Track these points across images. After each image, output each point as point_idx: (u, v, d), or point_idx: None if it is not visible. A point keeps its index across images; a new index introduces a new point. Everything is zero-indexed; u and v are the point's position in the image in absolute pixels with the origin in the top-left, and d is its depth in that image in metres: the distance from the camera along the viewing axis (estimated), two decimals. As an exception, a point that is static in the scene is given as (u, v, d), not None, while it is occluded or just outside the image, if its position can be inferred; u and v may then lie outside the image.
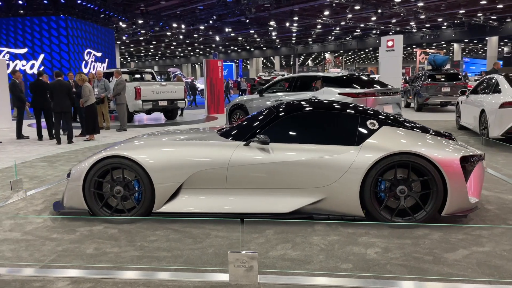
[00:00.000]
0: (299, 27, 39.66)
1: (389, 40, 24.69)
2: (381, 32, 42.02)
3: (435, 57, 16.80)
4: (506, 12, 35.66)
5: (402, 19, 35.34)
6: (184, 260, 3.30)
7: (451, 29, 41.02)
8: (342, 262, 3.20)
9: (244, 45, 51.35)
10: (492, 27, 39.51)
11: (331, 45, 49.47)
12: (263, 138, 3.98)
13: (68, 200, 4.25)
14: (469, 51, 64.75)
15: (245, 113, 9.92)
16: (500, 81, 8.24)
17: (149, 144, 4.30)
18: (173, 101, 13.82)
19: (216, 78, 16.88)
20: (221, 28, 39.95)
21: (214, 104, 17.03)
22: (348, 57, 66.74)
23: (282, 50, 53.95)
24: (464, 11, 35.00)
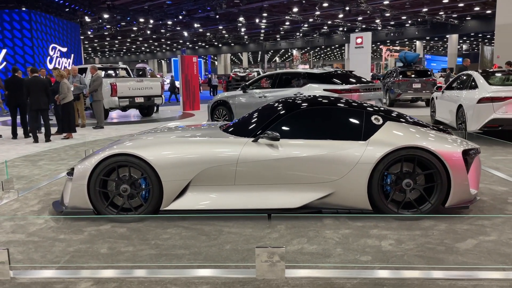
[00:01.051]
0: (268, 23, 39.81)
1: (358, 37, 25.21)
2: (348, 29, 42.79)
3: (406, 54, 17.29)
4: (466, 10, 37.07)
5: (369, 16, 36.09)
6: (204, 257, 3.29)
7: (415, 27, 42.26)
8: (361, 255, 3.28)
9: (212, 41, 51.06)
10: (453, 25, 40.97)
11: (299, 41, 49.94)
12: (273, 134, 4.01)
13: (72, 199, 4.14)
14: (430, 48, 66.85)
15: (228, 109, 9.90)
16: (476, 77, 8.59)
17: (156, 141, 4.25)
18: (150, 98, 13.60)
19: (191, 74, 16.73)
20: (189, 23, 39.59)
21: (190, 100, 16.87)
22: (315, 54, 67.53)
23: (250, 46, 54.00)
24: (427, 10, 36.12)
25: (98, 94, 11.46)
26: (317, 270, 3.05)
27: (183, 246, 3.50)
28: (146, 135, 4.72)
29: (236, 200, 4.09)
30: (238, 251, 3.39)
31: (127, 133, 10.52)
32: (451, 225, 3.85)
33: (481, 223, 3.91)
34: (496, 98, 7.74)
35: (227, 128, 4.76)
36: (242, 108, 9.62)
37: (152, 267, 3.13)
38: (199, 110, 17.06)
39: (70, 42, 25.45)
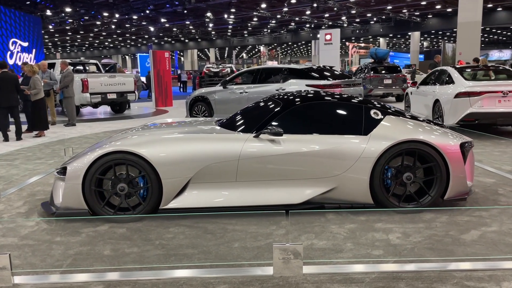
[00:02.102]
0: (236, 19, 39.58)
1: (327, 34, 25.51)
2: (315, 26, 43.20)
3: (377, 50, 17.60)
4: (428, 8, 38.10)
5: (337, 13, 36.54)
6: (214, 256, 3.21)
7: (379, 24, 43.07)
8: (372, 249, 3.28)
9: (178, 36, 50.35)
10: (416, 22, 42.03)
11: (266, 38, 49.98)
12: (276, 129, 3.95)
13: (64, 200, 3.95)
14: (393, 45, 68.43)
15: (208, 105, 9.76)
16: (452, 73, 8.82)
17: (154, 138, 4.11)
18: (123, 94, 13.23)
19: (163, 69, 16.40)
20: (156, 18, 38.84)
21: (162, 96, 16.55)
22: (282, 50, 67.84)
23: (217, 42, 53.61)
24: (391, 7, 36.89)
25: (70, 90, 11.04)
26: (333, 266, 3.03)
27: (190, 246, 3.40)
28: (141, 132, 4.56)
29: (237, 197, 4.02)
30: (248, 249, 3.32)
31: (102, 131, 10.21)
32: (451, 217, 3.92)
33: (479, 214, 4.00)
34: (473, 93, 7.97)
35: (223, 123, 4.67)
36: (223, 104, 9.51)
37: (163, 268, 3.02)
38: (172, 106, 16.78)
39: (31, 36, 24.41)
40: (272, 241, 3.45)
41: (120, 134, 4.67)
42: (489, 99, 7.92)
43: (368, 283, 2.76)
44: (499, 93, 7.87)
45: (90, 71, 14.46)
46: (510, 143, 7.64)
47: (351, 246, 3.34)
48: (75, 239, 3.58)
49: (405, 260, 3.08)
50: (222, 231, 3.69)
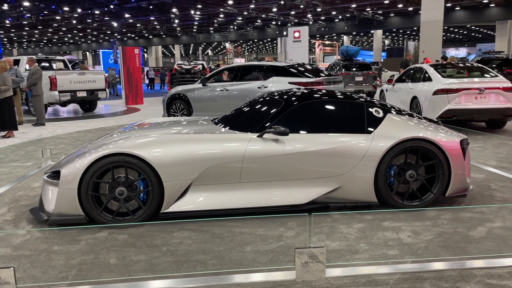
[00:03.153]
0: (202, 15, 39.14)
1: (295, 31, 25.65)
2: (282, 23, 43.36)
3: (348, 48, 17.79)
4: (391, 7, 38.99)
5: (303, 11, 36.77)
6: (228, 262, 3.09)
7: (344, 22, 43.73)
8: (387, 249, 3.26)
9: (142, 32, 49.28)
10: (379, 21, 42.91)
11: (233, 34, 49.71)
12: (281, 128, 3.85)
13: (58, 205, 3.70)
14: (356, 43, 69.68)
15: (186, 103, 9.53)
16: (429, 70, 9.01)
17: (153, 139, 3.92)
18: (93, 92, 12.75)
19: (133, 66, 15.95)
20: (119, 13, 37.85)
21: (133, 94, 16.11)
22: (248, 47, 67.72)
23: (182, 39, 52.86)
24: (355, 6, 37.51)
25: (38, 88, 10.53)
26: (352, 268, 2.97)
27: (201, 251, 3.26)
28: (136, 132, 4.35)
29: (241, 199, 3.91)
30: (261, 253, 3.22)
31: (75, 131, 9.81)
32: (454, 214, 3.96)
33: (479, 210, 4.06)
34: (451, 90, 8.16)
35: (221, 122, 4.54)
36: (203, 102, 9.32)
37: (178, 276, 2.88)
38: (143, 104, 16.37)
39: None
40: (284, 244, 3.37)
41: (110, 136, 4.43)
42: (466, 96, 8.13)
43: (393, 285, 2.72)
44: (475, 90, 8.09)
45: (57, 68, 13.85)
46: (487, 138, 7.88)
47: (365, 247, 3.30)
48: (74, 247, 3.36)
49: (423, 260, 3.07)
50: (230, 234, 3.57)
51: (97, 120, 11.77)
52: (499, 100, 8.12)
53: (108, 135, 4.57)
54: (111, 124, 10.81)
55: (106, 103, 16.30)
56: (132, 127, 4.78)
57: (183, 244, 3.39)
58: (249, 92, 8.67)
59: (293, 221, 3.85)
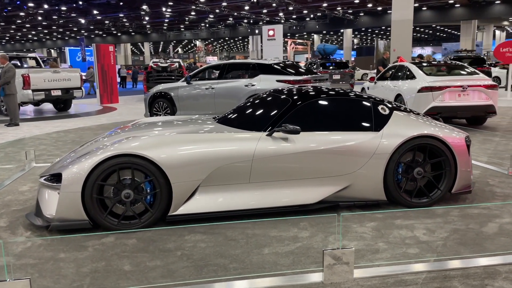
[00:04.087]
0: (173, 12, 38.59)
1: (270, 30, 25.60)
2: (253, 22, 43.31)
3: (325, 46, 17.89)
4: (361, 7, 39.59)
5: (276, 9, 36.82)
6: (250, 265, 2.98)
7: (315, 21, 44.08)
8: (406, 248, 3.23)
9: (111, 29, 48.20)
10: (349, 20, 43.52)
11: (204, 32, 49.30)
12: (293, 127, 3.76)
13: (60, 210, 3.50)
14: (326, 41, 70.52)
15: (170, 102, 9.31)
16: (412, 68, 9.13)
17: (160, 139, 3.75)
18: (68, 91, 12.30)
19: (108, 64, 15.52)
20: (87, 10, 36.85)
21: (107, 93, 15.67)
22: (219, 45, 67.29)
23: (152, 36, 52.01)
24: (326, 5, 37.88)
25: (11, 87, 10.05)
26: (378, 268, 2.93)
27: (218, 255, 3.14)
28: (138, 133, 4.17)
29: (251, 199, 3.81)
30: (280, 255, 3.13)
31: (54, 131, 9.43)
32: (462, 211, 3.99)
33: (485, 205, 4.11)
34: (435, 87, 8.30)
35: (225, 121, 4.42)
36: (187, 100, 9.13)
37: (202, 283, 2.75)
38: (118, 103, 15.95)
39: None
40: (302, 245, 3.29)
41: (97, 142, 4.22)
42: (450, 93, 8.28)
43: (422, 284, 2.69)
44: (459, 87, 8.25)
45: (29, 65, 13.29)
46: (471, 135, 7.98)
47: (384, 246, 3.26)
48: (82, 254, 3.18)
49: (445, 258, 3.05)
50: (243, 236, 3.47)
51: (74, 120, 11.36)
52: (481, 98, 8.32)
53: (93, 141, 4.34)
54: (90, 124, 10.46)
55: (80, 102, 15.77)
56: (115, 131, 4.47)
57: (197, 248, 3.27)
58: (236, 90, 8.56)
59: (304, 221, 3.79)
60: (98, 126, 10.09)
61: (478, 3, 36.58)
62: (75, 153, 4.07)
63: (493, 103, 8.36)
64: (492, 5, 36.24)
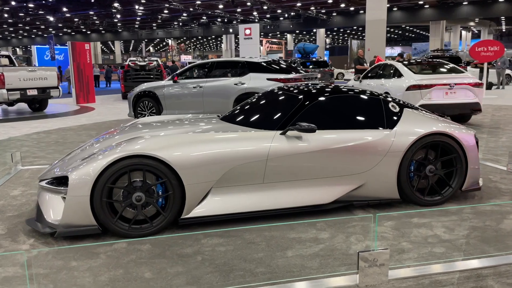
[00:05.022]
0: (146, 10, 37.94)
1: (246, 29, 25.48)
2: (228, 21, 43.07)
3: (305, 45, 17.91)
4: (334, 7, 40.01)
5: (251, 8, 36.72)
6: (277, 269, 2.86)
7: (289, 21, 44.24)
8: (431, 247, 3.18)
9: (80, 27, 46.96)
10: (322, 20, 43.90)
11: (177, 31, 48.68)
12: (308, 125, 3.65)
13: (66, 215, 3.28)
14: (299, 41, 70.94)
15: (156, 101, 9.06)
16: (399, 67, 9.20)
17: (171, 139, 3.57)
18: (45, 90, 11.81)
19: (84, 63, 15.03)
20: (56, 7, 35.78)
21: (84, 92, 15.18)
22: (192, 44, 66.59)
23: (123, 35, 50.99)
24: (300, 4, 38.07)
25: (-15, 86, 9.58)
26: (409, 269, 2.86)
27: (240, 259, 3.01)
28: (145, 133, 3.98)
29: (265, 200, 3.68)
30: (306, 258, 3.03)
31: (33, 132, 9.02)
32: (474, 209, 3.99)
33: (496, 204, 4.12)
34: (423, 85, 8.38)
35: (233, 120, 4.28)
36: (174, 99, 8.90)
37: (232, 289, 2.62)
38: (95, 103, 15.48)
39: None
40: (325, 247, 3.20)
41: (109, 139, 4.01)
42: (437, 91, 8.38)
43: (458, 284, 2.64)
44: (446, 85, 8.36)
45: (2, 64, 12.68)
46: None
47: (408, 246, 3.20)
48: (95, 262, 2.98)
49: (474, 257, 3.02)
50: (262, 239, 3.34)
51: (52, 120, 10.92)
52: (467, 95, 8.45)
53: (93, 142, 4.12)
54: (70, 124, 10.07)
55: (55, 102, 15.20)
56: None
57: (217, 252, 3.12)
58: (225, 89, 8.40)
59: (320, 221, 3.69)
60: (80, 126, 9.73)
61: (446, 4, 37.57)
62: (73, 156, 3.85)
63: (478, 101, 8.51)
64: (459, 6, 37.30)
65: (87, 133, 8.64)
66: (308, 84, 4.65)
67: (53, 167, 3.91)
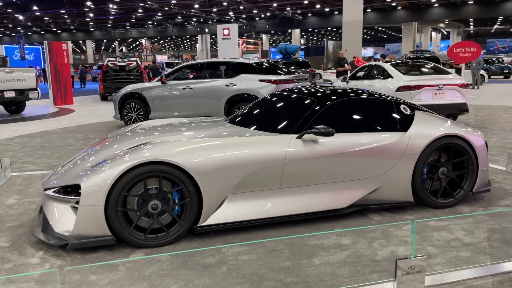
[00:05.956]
0: (119, 9, 37.20)
1: (225, 29, 25.32)
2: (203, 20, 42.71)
3: (287, 46, 17.89)
4: (309, 7, 40.27)
5: (227, 8, 36.51)
6: (309, 278, 2.78)
7: (265, 21, 44.26)
8: (457, 251, 3.16)
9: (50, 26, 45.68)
10: (298, 20, 44.11)
11: (151, 30, 47.96)
12: (325, 129, 3.58)
13: (79, 226, 3.10)
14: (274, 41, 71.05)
15: (143, 103, 8.82)
16: (388, 68, 9.26)
17: (188, 144, 3.43)
18: (23, 92, 11.35)
19: (61, 63, 14.55)
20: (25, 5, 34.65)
21: (61, 93, 14.70)
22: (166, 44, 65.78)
23: (95, 34, 49.87)
24: (276, 5, 38.15)
25: (-39, 87, 9.12)
26: (441, 274, 2.82)
27: (267, 268, 2.91)
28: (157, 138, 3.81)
29: (281, 206, 3.59)
30: (334, 265, 2.95)
31: (15, 136, 8.65)
32: (486, 209, 4.00)
33: (503, 203, 4.16)
34: (413, 86, 8.46)
35: (242, 123, 4.16)
36: (163, 101, 8.69)
37: (267, 301, 2.51)
38: (73, 104, 15.01)
39: None
40: (350, 253, 3.13)
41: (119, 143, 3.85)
42: (427, 92, 8.47)
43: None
44: (435, 86, 8.46)
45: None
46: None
47: (433, 250, 3.17)
48: (115, 275, 2.82)
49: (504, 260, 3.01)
50: (283, 246, 3.25)
51: (32, 123, 10.49)
52: (455, 96, 8.58)
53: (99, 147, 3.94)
54: (53, 127, 9.70)
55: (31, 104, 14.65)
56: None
57: (241, 261, 3.01)
58: (216, 90, 8.26)
59: (338, 226, 3.64)
60: (63, 129, 9.39)
61: (418, 6, 38.40)
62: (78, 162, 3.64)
63: (466, 101, 8.65)
64: (431, 8, 38.18)
65: (73, 136, 8.33)
66: (315, 86, 4.59)
67: (56, 174, 3.70)
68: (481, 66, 19.01)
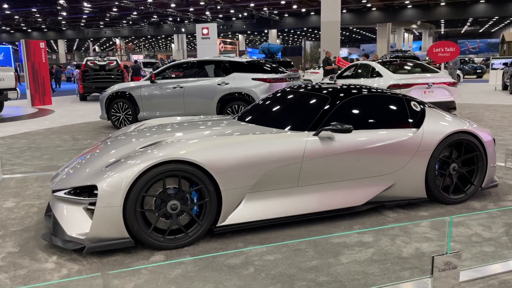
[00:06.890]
0: (93, 8, 36.41)
1: (204, 28, 25.17)
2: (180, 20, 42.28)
3: (270, 45, 17.84)
4: (286, 8, 40.44)
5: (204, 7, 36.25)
6: (340, 277, 2.72)
7: (242, 21, 44.17)
8: (479, 246, 3.16)
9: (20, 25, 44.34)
10: (275, 20, 44.23)
11: (126, 30, 47.16)
12: (342, 126, 3.52)
13: (95, 228, 2.96)
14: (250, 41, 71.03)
15: (131, 102, 8.60)
16: (377, 67, 9.33)
17: (206, 142, 3.32)
18: (2, 92, 10.91)
19: (39, 62, 14.09)
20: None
21: (39, 93, 14.24)
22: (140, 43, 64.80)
23: (67, 33, 48.68)
24: (254, 5, 38.13)
25: None
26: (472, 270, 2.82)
27: (295, 267, 2.83)
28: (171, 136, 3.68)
29: (300, 204, 3.53)
30: (363, 264, 2.90)
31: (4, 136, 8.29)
32: (496, 204, 4.05)
33: (511, 198, 4.21)
34: (403, 85, 8.54)
35: (253, 120, 4.08)
36: (152, 100, 8.50)
37: (305, 302, 2.44)
38: (52, 105, 14.55)
39: None
40: (376, 251, 3.09)
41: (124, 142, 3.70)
42: (416, 90, 8.56)
43: (527, 283, 2.62)
44: (424, 85, 8.57)
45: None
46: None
47: (457, 246, 3.17)
48: (139, 279, 2.70)
49: (525, 253, 3.03)
50: (305, 245, 3.18)
51: (13, 124, 10.09)
52: (444, 94, 8.72)
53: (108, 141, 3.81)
54: (36, 128, 9.35)
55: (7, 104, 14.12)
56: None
57: (266, 261, 2.93)
58: (208, 89, 8.13)
59: (355, 223, 3.60)
60: (47, 130, 9.07)
61: (392, 7, 39.11)
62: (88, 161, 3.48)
63: (454, 99, 8.80)
64: (404, 9, 38.93)
65: (59, 137, 8.05)
66: (324, 83, 4.54)
67: (62, 175, 3.52)
68: (458, 66, 19.45)
